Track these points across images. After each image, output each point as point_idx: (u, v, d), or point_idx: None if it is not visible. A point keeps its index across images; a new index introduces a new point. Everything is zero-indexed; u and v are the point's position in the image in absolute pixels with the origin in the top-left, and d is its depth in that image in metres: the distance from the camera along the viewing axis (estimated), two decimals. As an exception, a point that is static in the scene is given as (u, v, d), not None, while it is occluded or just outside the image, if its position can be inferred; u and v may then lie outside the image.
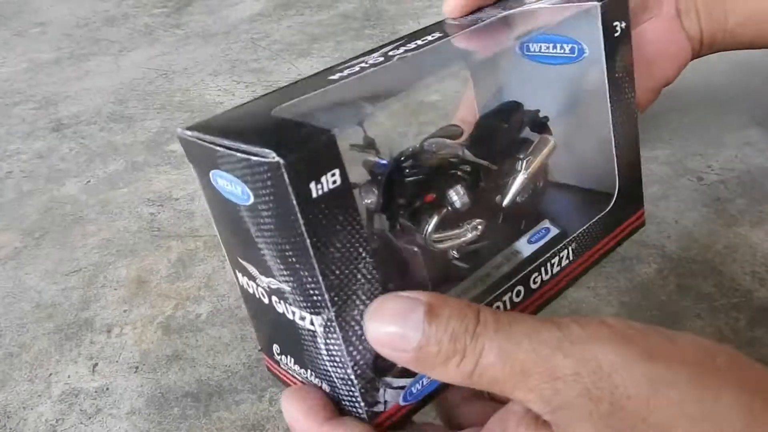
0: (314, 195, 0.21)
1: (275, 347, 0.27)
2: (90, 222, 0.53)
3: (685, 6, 0.40)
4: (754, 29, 0.40)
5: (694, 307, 0.38)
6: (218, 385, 0.38)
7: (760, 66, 0.60)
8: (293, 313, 0.24)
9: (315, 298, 0.23)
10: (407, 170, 0.29)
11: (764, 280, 0.39)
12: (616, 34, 0.31)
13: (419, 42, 0.29)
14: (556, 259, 0.30)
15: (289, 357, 0.27)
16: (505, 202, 0.31)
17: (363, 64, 0.28)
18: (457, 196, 0.29)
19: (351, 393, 0.24)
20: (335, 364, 0.24)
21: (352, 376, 0.23)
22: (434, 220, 0.28)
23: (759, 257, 0.41)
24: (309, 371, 0.26)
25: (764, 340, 0.36)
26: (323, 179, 0.21)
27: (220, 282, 0.46)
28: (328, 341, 0.23)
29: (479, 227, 0.29)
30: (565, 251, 0.30)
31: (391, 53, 0.28)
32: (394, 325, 0.21)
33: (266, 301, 0.25)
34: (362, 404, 0.24)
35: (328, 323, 0.23)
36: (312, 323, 0.23)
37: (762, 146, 0.51)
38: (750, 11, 0.39)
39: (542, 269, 0.29)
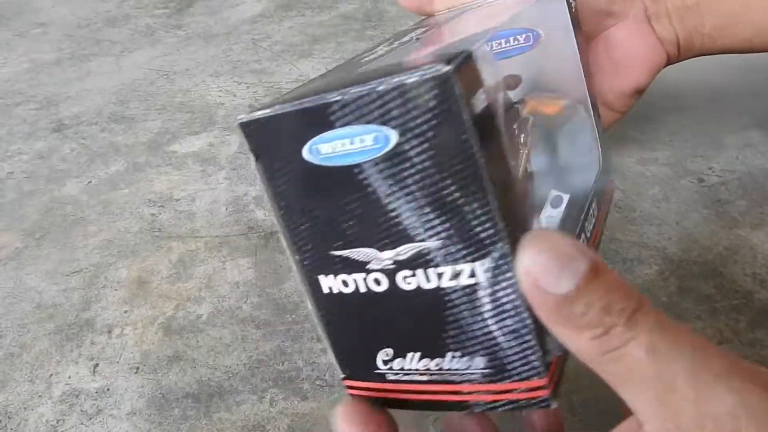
0: (476, 111, 0.19)
1: (384, 354, 0.24)
2: (91, 222, 0.53)
3: (655, 11, 0.39)
4: (734, 33, 0.39)
5: (694, 308, 0.38)
6: (219, 386, 0.38)
7: (760, 66, 0.60)
8: (439, 276, 0.22)
9: (483, 235, 0.20)
10: None
11: (765, 282, 0.39)
12: (573, 10, 0.32)
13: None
14: (591, 210, 0.31)
15: (412, 355, 0.24)
16: (520, 172, 0.31)
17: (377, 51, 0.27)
18: None
19: (524, 344, 0.22)
20: (504, 314, 0.21)
21: (528, 320, 0.21)
22: None
23: (760, 259, 0.41)
24: (449, 355, 0.23)
25: (765, 341, 0.36)
26: (477, 95, 0.19)
27: (221, 283, 0.46)
28: (496, 288, 0.21)
29: None
30: (594, 203, 0.31)
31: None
32: (551, 262, 0.19)
33: (382, 287, 0.23)
34: (539, 354, 0.21)
35: (500, 262, 0.20)
36: (473, 274, 0.21)
37: (763, 148, 0.51)
38: (728, 15, 0.38)
39: (588, 216, 0.30)
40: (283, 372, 0.39)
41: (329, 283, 0.24)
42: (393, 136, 0.20)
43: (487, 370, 0.23)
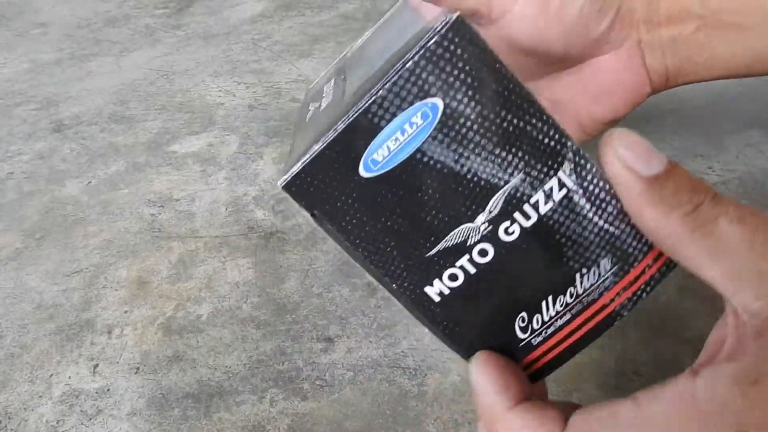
0: (489, 41, 0.20)
1: (519, 321, 0.24)
2: (91, 223, 0.53)
3: (649, 42, 0.38)
4: (733, 61, 0.38)
5: (695, 308, 0.38)
6: (219, 386, 0.38)
7: (761, 67, 0.59)
8: (535, 206, 0.22)
9: (552, 143, 0.21)
10: None
11: (765, 281, 0.39)
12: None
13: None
14: None
15: (545, 303, 0.24)
16: None
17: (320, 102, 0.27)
18: None
19: (633, 230, 0.23)
20: (603, 203, 0.22)
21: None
22: None
23: (760, 258, 0.41)
24: (578, 278, 0.23)
25: (765, 341, 0.36)
26: (479, 31, 0.20)
27: (221, 283, 0.46)
28: (584, 184, 0.22)
29: None
30: None
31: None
32: (641, 148, 0.21)
33: (489, 255, 0.23)
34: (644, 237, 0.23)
35: (577, 159, 0.22)
36: (561, 184, 0.22)
37: (763, 147, 0.51)
38: (727, 44, 0.37)
39: None
40: (283, 372, 0.39)
41: (438, 288, 0.23)
42: (438, 103, 0.20)
43: (615, 268, 0.24)
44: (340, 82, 0.27)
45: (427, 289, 0.23)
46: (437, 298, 0.23)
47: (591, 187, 0.22)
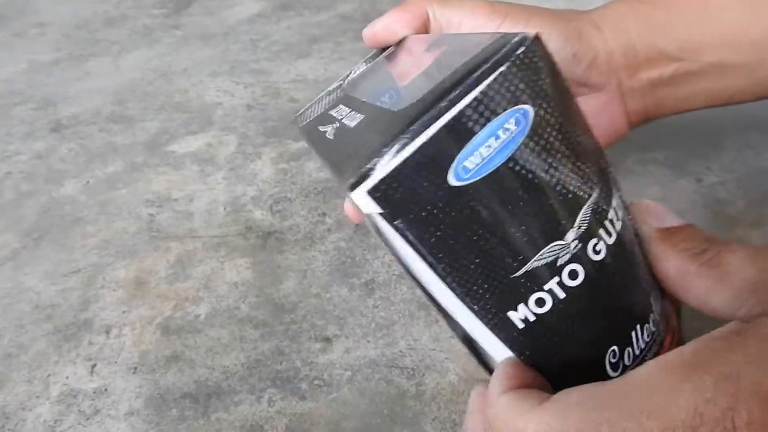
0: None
1: (610, 356, 0.22)
2: (89, 223, 0.53)
3: (630, 86, 0.38)
4: (715, 95, 0.38)
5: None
6: (217, 386, 0.38)
7: (759, 67, 0.59)
8: (612, 220, 0.21)
9: (603, 165, 0.22)
10: None
11: (763, 282, 0.39)
12: None
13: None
14: None
15: (635, 334, 0.22)
16: None
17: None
18: None
19: None
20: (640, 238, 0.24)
21: None
22: None
23: (758, 258, 0.41)
24: (653, 301, 0.23)
25: (763, 341, 0.36)
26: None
27: (219, 283, 0.45)
28: (622, 209, 0.23)
29: None
30: None
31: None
32: (655, 210, 0.25)
33: (579, 278, 0.21)
34: None
35: (614, 188, 0.23)
36: (621, 203, 0.23)
37: (761, 148, 0.51)
38: (709, 81, 0.38)
39: None
40: (281, 372, 0.39)
41: (522, 313, 0.21)
42: (529, 109, 0.19)
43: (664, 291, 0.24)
44: (359, 105, 0.26)
45: (510, 314, 0.21)
46: (521, 325, 0.21)
47: (624, 218, 0.23)
